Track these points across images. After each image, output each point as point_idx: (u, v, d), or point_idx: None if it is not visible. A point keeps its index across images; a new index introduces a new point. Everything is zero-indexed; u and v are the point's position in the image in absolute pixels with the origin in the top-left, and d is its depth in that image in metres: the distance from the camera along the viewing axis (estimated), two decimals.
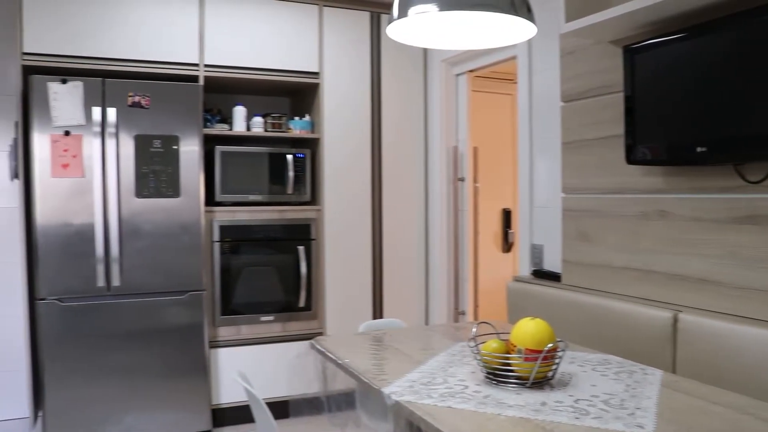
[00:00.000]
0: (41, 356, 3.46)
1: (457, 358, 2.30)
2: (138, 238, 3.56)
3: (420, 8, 1.99)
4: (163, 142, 3.59)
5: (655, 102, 2.45)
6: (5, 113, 4.03)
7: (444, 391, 1.91)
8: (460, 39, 2.37)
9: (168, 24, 3.74)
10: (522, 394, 1.86)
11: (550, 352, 1.91)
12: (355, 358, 2.35)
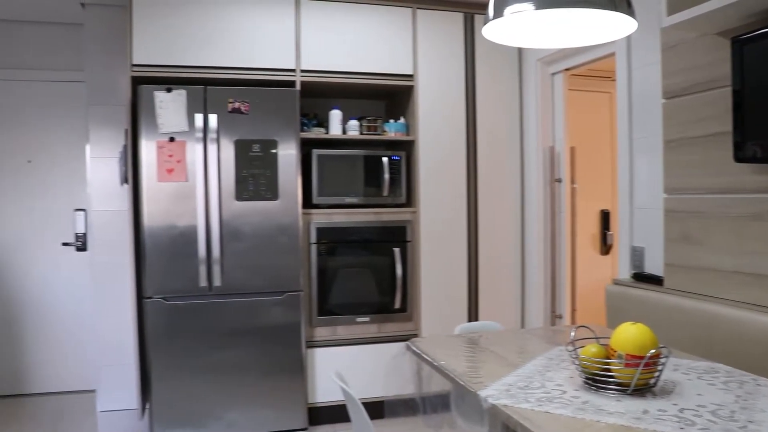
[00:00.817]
0: (148, 352, 3.63)
1: (554, 362, 2.25)
2: (238, 240, 3.67)
3: (516, 7, 1.96)
4: (262, 146, 3.69)
5: (766, 96, 2.32)
6: (116, 122, 4.25)
7: (541, 396, 1.87)
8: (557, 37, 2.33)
9: (265, 32, 3.84)
10: (622, 401, 1.80)
11: (653, 358, 1.84)
12: (451, 360, 2.34)
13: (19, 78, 4.91)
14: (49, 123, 4.95)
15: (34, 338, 5.00)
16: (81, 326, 4.99)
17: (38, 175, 4.95)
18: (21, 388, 5.01)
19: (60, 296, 5.00)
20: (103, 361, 4.33)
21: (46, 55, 4.92)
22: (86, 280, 4.86)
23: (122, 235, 4.21)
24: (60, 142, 4.95)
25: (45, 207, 4.95)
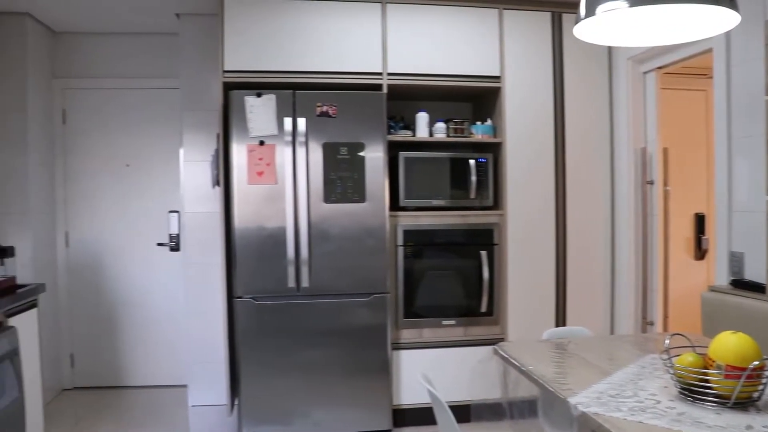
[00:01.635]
0: (238, 350, 3.72)
1: (647, 371, 2.18)
2: (326, 242, 3.72)
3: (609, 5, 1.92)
4: (350, 149, 3.73)
5: None
6: (209, 126, 4.39)
7: (634, 405, 1.82)
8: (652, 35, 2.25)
9: (352, 36, 3.88)
10: (722, 415, 1.72)
11: (757, 370, 1.76)
12: (539, 365, 2.31)
13: (119, 86, 5.13)
14: (146, 128, 5.15)
15: (132, 334, 5.21)
16: (174, 324, 5.16)
17: (135, 178, 5.16)
18: (120, 380, 5.23)
19: (154, 294, 5.20)
20: (195, 358, 4.47)
21: (144, 64, 5.13)
22: (179, 279, 5.02)
23: (214, 236, 4.34)
24: (156, 147, 5.15)
25: (141, 208, 5.16)
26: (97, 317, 5.19)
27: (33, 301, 3.61)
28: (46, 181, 4.95)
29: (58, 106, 5.11)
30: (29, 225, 4.63)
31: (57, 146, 5.11)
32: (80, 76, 5.11)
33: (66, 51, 5.10)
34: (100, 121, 5.15)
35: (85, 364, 5.21)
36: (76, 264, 5.17)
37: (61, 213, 5.13)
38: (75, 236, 5.16)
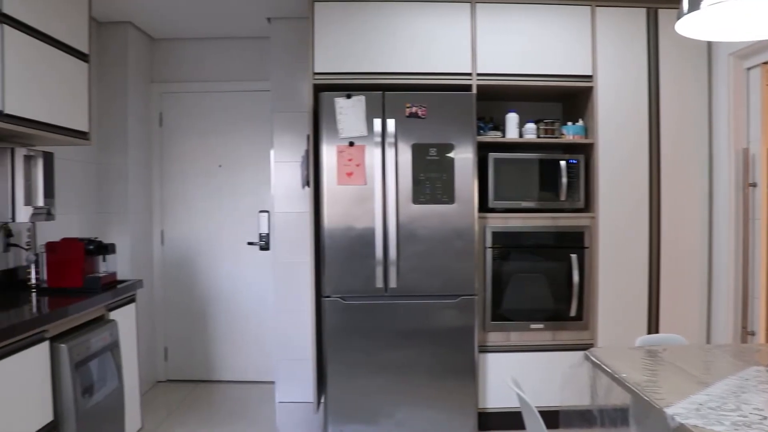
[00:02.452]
0: (325, 348, 3.76)
1: (751, 384, 2.08)
2: (414, 243, 3.72)
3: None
4: (439, 150, 3.72)
5: None
6: (299, 128, 4.46)
7: (737, 419, 1.73)
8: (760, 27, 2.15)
9: (441, 36, 3.87)
10: None
11: None
12: (632, 372, 2.24)
13: (212, 89, 5.29)
14: (238, 130, 5.29)
15: (222, 330, 5.36)
16: (263, 321, 5.28)
17: (227, 178, 5.31)
18: (210, 375, 5.38)
19: (244, 292, 5.33)
20: (283, 355, 4.55)
21: (236, 67, 5.27)
22: (268, 277, 5.13)
23: (303, 236, 4.41)
24: (247, 148, 5.28)
25: (233, 208, 5.30)
26: (189, 313, 5.37)
27: (132, 296, 3.76)
28: (143, 182, 5.15)
29: (155, 110, 5.31)
30: (128, 224, 4.83)
31: (154, 148, 5.31)
32: (176, 80, 5.29)
33: (163, 56, 5.30)
34: (195, 123, 5.32)
35: (178, 357, 5.39)
36: (171, 261, 5.35)
37: (157, 212, 5.33)
38: (170, 234, 5.35)
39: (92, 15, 3.85)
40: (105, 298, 3.36)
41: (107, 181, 4.82)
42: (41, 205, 3.31)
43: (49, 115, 3.25)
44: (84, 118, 3.62)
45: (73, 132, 3.50)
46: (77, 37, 3.52)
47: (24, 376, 2.58)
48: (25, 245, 3.64)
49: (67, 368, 2.84)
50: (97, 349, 3.14)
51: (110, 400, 3.26)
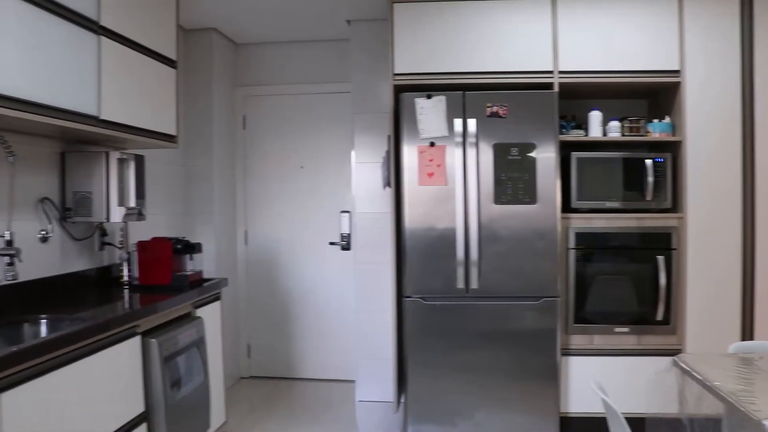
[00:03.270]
0: (405, 348, 3.77)
1: None
2: (495, 244, 3.69)
3: None
4: (520, 149, 3.68)
5: None
6: (379, 129, 4.49)
7: None
8: None
9: (522, 34, 3.82)
10: None
11: None
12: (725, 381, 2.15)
13: (294, 92, 5.39)
14: (319, 131, 5.37)
15: (303, 328, 5.45)
16: (344, 320, 5.33)
17: (309, 179, 5.39)
18: (292, 372, 5.48)
19: (325, 291, 5.40)
20: (363, 354, 4.59)
21: (317, 69, 5.35)
22: (349, 277, 5.19)
23: (384, 236, 4.44)
24: (328, 149, 5.35)
25: (314, 209, 5.38)
26: (272, 311, 5.48)
27: (217, 294, 3.86)
28: (228, 183, 5.30)
29: (239, 113, 5.45)
30: (213, 223, 4.97)
31: (238, 150, 5.45)
32: (259, 84, 5.42)
33: (246, 61, 5.43)
34: (277, 125, 5.43)
35: (260, 354, 5.51)
36: (254, 260, 5.48)
37: (241, 212, 5.47)
38: (253, 234, 5.48)
39: (179, 23, 3.98)
40: (192, 296, 3.47)
41: (193, 183, 4.98)
42: (133, 206, 3.44)
43: (141, 119, 3.38)
44: (172, 122, 3.75)
45: (162, 135, 3.63)
46: (166, 45, 3.65)
47: (118, 368, 2.69)
48: (118, 244, 3.80)
49: (157, 362, 2.95)
50: (184, 345, 3.25)
51: (196, 394, 3.36)
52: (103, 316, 2.70)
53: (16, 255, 2.53)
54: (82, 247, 3.54)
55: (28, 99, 2.50)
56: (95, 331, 2.50)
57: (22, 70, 2.47)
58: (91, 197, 3.30)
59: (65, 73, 2.73)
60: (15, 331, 2.67)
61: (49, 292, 3.21)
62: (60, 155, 3.35)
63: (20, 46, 2.46)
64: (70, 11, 2.76)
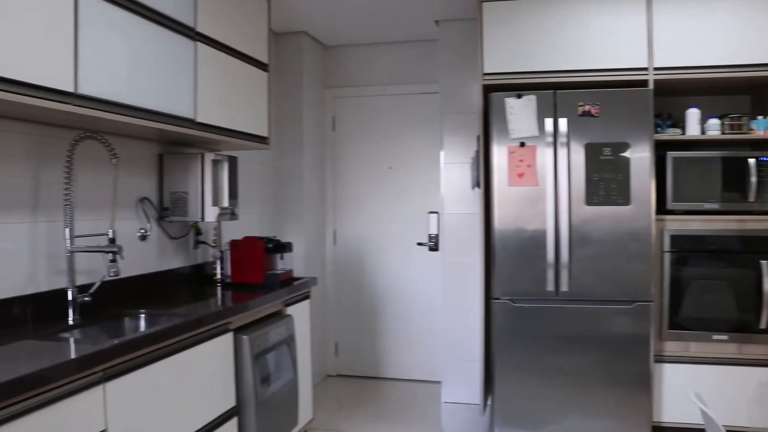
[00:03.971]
0: (493, 350, 3.73)
1: None
2: (586, 246, 3.60)
3: None
4: (613, 149, 3.57)
5: None
6: (468, 129, 4.47)
7: None
8: None
9: (614, 31, 3.71)
10: None
11: None
12: None
13: (382, 93, 5.42)
14: (408, 132, 5.39)
15: (390, 328, 5.48)
16: (431, 321, 5.33)
17: (397, 180, 5.42)
18: (378, 371, 5.52)
19: (413, 292, 5.41)
20: (450, 355, 4.57)
21: (405, 70, 5.37)
22: (437, 278, 5.18)
23: (472, 237, 4.41)
24: (416, 150, 5.36)
25: (402, 209, 5.40)
26: (359, 310, 5.53)
27: (306, 293, 3.93)
28: (317, 184, 5.39)
29: (328, 115, 5.53)
30: (303, 223, 5.06)
31: (327, 151, 5.54)
32: (347, 86, 5.48)
33: (335, 63, 5.51)
34: (366, 126, 5.48)
35: (348, 353, 5.57)
36: (342, 260, 5.55)
37: (330, 213, 5.55)
38: (342, 234, 5.55)
39: (270, 27, 4.08)
40: (282, 294, 3.55)
41: (284, 183, 5.09)
42: (226, 206, 3.55)
43: (234, 121, 3.48)
44: (264, 124, 3.84)
45: (254, 137, 3.73)
46: (258, 49, 3.75)
47: (211, 363, 2.78)
48: (212, 243, 3.92)
49: (248, 358, 3.03)
50: (274, 342, 3.32)
51: (285, 391, 3.43)
52: (198, 312, 2.80)
53: (119, 252, 2.65)
54: (178, 246, 3.67)
55: (132, 104, 2.62)
56: (191, 326, 2.59)
57: (127, 77, 2.59)
58: (186, 197, 3.42)
59: (164, 78, 2.84)
60: (116, 324, 2.80)
61: (147, 288, 3.35)
62: (158, 157, 3.48)
63: (125, 54, 2.57)
64: (170, 19, 2.87)
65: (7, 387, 1.66)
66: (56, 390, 1.86)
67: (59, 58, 2.24)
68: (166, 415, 2.43)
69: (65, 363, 1.88)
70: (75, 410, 1.94)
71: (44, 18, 2.17)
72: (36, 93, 2.14)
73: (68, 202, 2.66)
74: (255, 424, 3.06)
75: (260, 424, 3.11)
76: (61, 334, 2.45)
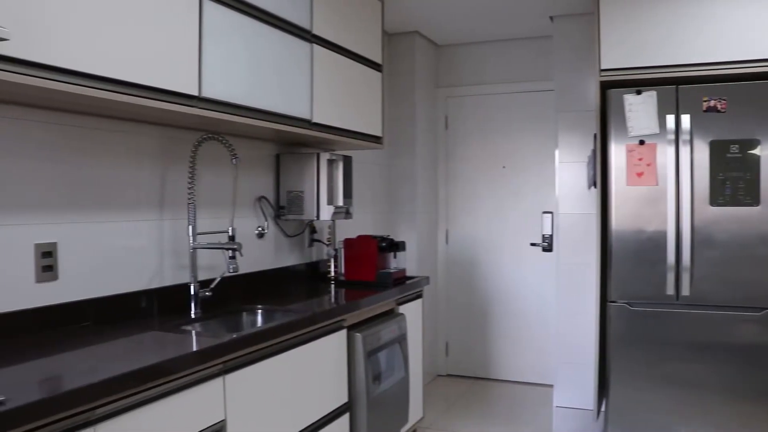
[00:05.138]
0: (608, 355, 3.61)
1: None
2: (710, 248, 3.43)
3: None
4: (741, 146, 3.38)
5: None
6: (584, 127, 4.36)
7: None
8: None
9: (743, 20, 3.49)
10: None
11: None
12: None
13: (495, 92, 5.38)
14: (521, 131, 5.31)
15: (501, 329, 5.42)
16: (543, 322, 5.24)
17: (510, 179, 5.36)
18: (488, 372, 5.48)
19: (525, 293, 5.33)
20: (563, 359, 4.47)
21: (518, 68, 5.29)
22: (550, 279, 5.09)
23: (588, 238, 4.30)
24: (530, 149, 5.28)
25: (515, 209, 5.33)
26: (469, 310, 5.51)
27: (419, 292, 3.95)
28: (430, 183, 5.40)
29: (441, 114, 5.54)
30: (416, 222, 5.09)
31: (440, 151, 5.54)
32: (460, 85, 5.47)
33: (447, 62, 5.51)
34: (478, 125, 5.44)
35: (458, 353, 5.56)
36: (454, 259, 5.54)
37: (442, 212, 5.55)
38: (453, 233, 5.54)
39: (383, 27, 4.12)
40: (395, 293, 3.58)
41: (397, 182, 5.14)
42: (341, 205, 3.62)
43: (349, 122, 3.54)
44: (378, 123, 3.89)
45: (368, 137, 3.78)
46: (371, 49, 3.80)
47: (325, 359, 2.84)
48: (326, 241, 4.01)
49: (361, 356, 3.08)
50: (387, 341, 3.36)
51: (396, 389, 3.46)
52: (313, 309, 2.87)
53: (238, 249, 2.76)
54: (293, 244, 3.78)
55: (252, 106, 2.72)
56: (306, 323, 2.66)
57: (247, 80, 2.69)
58: (302, 196, 3.51)
59: (282, 80, 2.93)
60: (235, 319, 2.91)
61: (263, 284, 3.47)
62: (275, 157, 3.60)
63: (245, 58, 2.68)
64: (287, 23, 2.96)
65: (136, 375, 1.76)
66: (180, 380, 1.96)
67: (185, 63, 2.36)
68: (282, 408, 2.51)
69: (188, 355, 1.98)
70: (197, 400, 2.04)
71: (172, 27, 2.30)
72: (164, 97, 2.27)
73: (191, 200, 2.79)
74: (366, 420, 3.10)
75: (371, 421, 3.15)
76: (183, 326, 2.58)
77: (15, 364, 1.83)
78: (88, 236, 2.47)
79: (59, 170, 2.35)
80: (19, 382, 1.66)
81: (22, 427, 1.45)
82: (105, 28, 2.02)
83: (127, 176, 2.64)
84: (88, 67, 1.96)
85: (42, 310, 2.28)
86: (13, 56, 1.73)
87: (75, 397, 1.57)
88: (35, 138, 2.26)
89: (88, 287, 2.46)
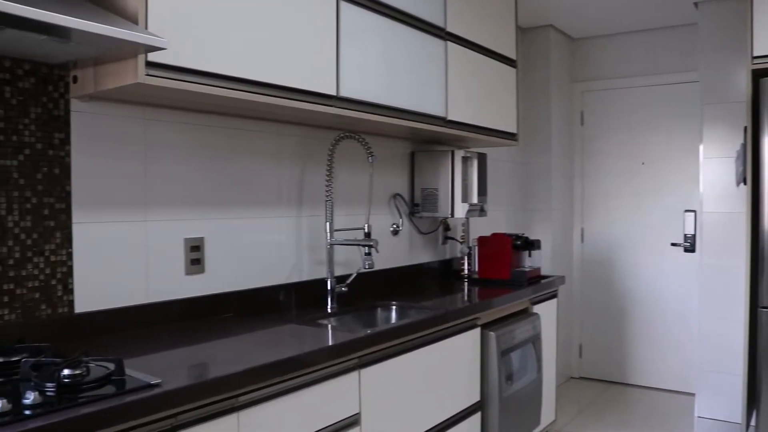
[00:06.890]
0: (758, 364, 3.39)
1: None
2: None
3: None
4: None
5: None
6: (733, 119, 4.11)
7: None
8: None
9: None
10: None
11: None
12: None
13: (633, 85, 5.17)
14: (662, 125, 5.08)
15: (639, 332, 5.21)
16: (684, 327, 4.99)
17: (650, 176, 5.13)
18: (623, 377, 5.28)
19: (664, 295, 5.09)
20: (706, 366, 4.24)
21: (657, 59, 5.06)
22: (692, 281, 4.85)
23: (734, 238, 4.06)
24: (671, 144, 5.04)
25: (655, 207, 5.11)
26: (605, 311, 5.33)
27: (554, 292, 3.87)
28: (565, 180, 5.28)
29: (576, 109, 5.39)
30: (550, 220, 4.99)
31: (575, 146, 5.40)
32: (596, 78, 5.30)
33: (582, 55, 5.35)
34: (615, 120, 5.26)
35: (592, 355, 5.40)
36: (589, 258, 5.38)
37: (577, 209, 5.41)
38: (589, 232, 5.39)
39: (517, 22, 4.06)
40: (529, 292, 3.52)
41: (532, 180, 5.05)
42: (475, 202, 3.60)
43: (483, 119, 3.52)
44: (512, 120, 3.84)
45: (503, 134, 3.74)
46: (505, 45, 3.75)
47: (458, 357, 2.84)
48: (460, 238, 4.00)
49: (494, 355, 3.05)
50: (520, 340, 3.31)
51: (528, 390, 3.40)
52: (447, 307, 2.87)
53: (374, 246, 2.81)
54: (427, 241, 3.80)
55: (388, 104, 2.76)
56: (440, 320, 2.67)
57: (383, 79, 2.74)
58: (437, 194, 3.53)
59: (417, 79, 2.95)
60: (370, 314, 2.97)
61: (397, 280, 3.52)
62: (410, 155, 3.63)
63: (381, 57, 2.72)
64: (421, 21, 2.98)
65: (277, 366, 1.84)
66: (318, 372, 2.03)
67: (324, 64, 2.43)
68: (414, 404, 2.54)
69: (326, 348, 2.04)
70: (333, 392, 2.10)
71: (312, 30, 2.37)
72: (304, 97, 2.35)
73: (329, 197, 2.87)
74: (498, 420, 3.07)
75: (503, 421, 3.12)
76: (320, 320, 2.66)
77: (168, 349, 1.97)
78: (231, 231, 2.60)
79: (206, 168, 2.49)
80: (171, 366, 1.77)
81: (173, 408, 1.56)
82: (251, 35, 2.13)
83: (268, 174, 2.75)
84: (237, 71, 2.07)
85: (190, 300, 2.43)
86: (172, 64, 1.86)
87: (221, 384, 1.67)
88: (184, 140, 2.41)
89: (231, 280, 2.59)
